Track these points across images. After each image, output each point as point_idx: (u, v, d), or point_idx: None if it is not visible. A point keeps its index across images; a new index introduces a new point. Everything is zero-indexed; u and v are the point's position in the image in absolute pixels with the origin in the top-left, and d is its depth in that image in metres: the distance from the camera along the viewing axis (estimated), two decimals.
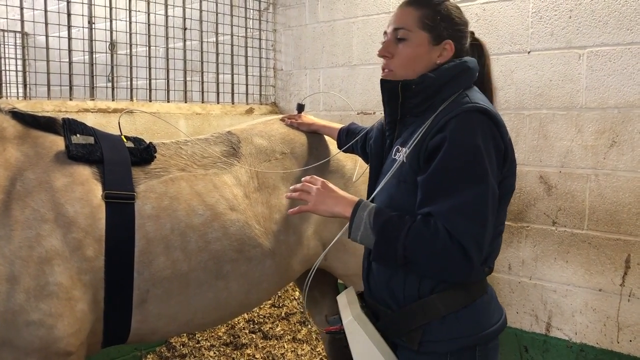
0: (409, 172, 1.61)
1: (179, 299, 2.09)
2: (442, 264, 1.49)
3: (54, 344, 1.85)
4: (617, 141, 3.08)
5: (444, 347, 1.60)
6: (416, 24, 1.67)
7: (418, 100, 1.65)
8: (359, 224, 1.56)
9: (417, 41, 1.67)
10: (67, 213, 1.91)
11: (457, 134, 1.52)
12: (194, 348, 3.79)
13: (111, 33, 3.75)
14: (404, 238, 1.48)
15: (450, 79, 1.64)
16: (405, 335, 1.63)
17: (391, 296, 1.67)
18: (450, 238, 1.46)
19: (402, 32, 1.68)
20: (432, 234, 1.47)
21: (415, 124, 1.67)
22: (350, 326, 1.65)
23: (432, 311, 1.59)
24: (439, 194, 1.51)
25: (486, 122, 1.56)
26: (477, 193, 1.50)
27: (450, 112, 1.56)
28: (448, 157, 1.51)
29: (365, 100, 4.14)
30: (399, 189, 1.63)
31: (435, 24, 1.67)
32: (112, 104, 3.57)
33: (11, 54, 5.97)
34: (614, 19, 3.06)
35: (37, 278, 1.82)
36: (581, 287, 3.25)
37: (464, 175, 1.50)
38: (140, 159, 2.13)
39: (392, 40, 1.70)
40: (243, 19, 4.57)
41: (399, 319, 1.64)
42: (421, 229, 1.48)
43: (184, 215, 2.10)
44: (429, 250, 1.48)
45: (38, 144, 2.00)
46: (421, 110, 1.66)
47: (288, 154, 2.49)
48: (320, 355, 3.79)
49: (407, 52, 1.67)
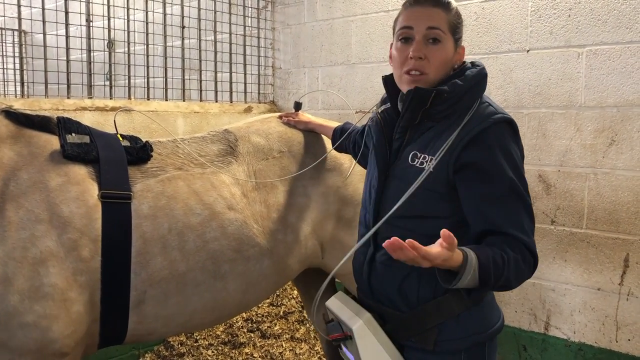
0: (435, 180, 1.58)
1: (176, 299, 2.06)
2: (525, 279, 1.57)
3: (49, 346, 1.83)
4: (616, 140, 3.07)
5: (458, 345, 1.62)
6: (447, 27, 1.63)
7: (444, 107, 1.60)
8: (466, 274, 1.44)
9: (448, 45, 1.63)
10: (62, 213, 1.88)
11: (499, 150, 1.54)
12: (192, 347, 3.78)
13: (109, 31, 3.74)
14: (506, 274, 1.50)
15: (473, 85, 1.62)
16: (418, 335, 1.63)
17: (402, 298, 1.65)
18: (532, 256, 1.55)
19: (436, 33, 1.61)
20: (524, 261, 1.52)
21: (434, 129, 1.63)
22: (360, 331, 1.63)
23: (447, 310, 1.61)
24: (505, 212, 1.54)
25: (513, 132, 1.60)
26: (529, 206, 1.57)
27: (480, 124, 1.56)
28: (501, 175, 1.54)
29: (364, 98, 4.13)
30: (421, 196, 1.59)
31: (458, 28, 1.67)
32: (110, 103, 3.56)
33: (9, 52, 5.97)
34: (613, 17, 3.05)
35: (31, 279, 1.80)
36: (580, 286, 3.25)
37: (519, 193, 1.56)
38: (136, 158, 2.11)
39: (423, 41, 1.61)
40: (242, 17, 4.56)
41: (412, 320, 1.63)
42: (517, 259, 1.51)
43: (181, 214, 2.08)
44: (524, 275, 1.55)
45: (32, 143, 1.97)
46: (442, 117, 1.62)
47: (285, 153, 2.47)
48: (318, 354, 3.78)
49: (442, 56, 1.62)
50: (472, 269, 1.43)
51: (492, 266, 1.46)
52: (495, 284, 1.49)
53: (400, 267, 1.63)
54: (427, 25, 1.61)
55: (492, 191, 1.54)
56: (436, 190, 1.58)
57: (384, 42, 3.96)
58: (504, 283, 1.50)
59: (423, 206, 1.61)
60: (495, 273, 1.46)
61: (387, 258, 1.68)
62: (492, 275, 1.46)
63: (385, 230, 1.67)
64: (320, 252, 2.50)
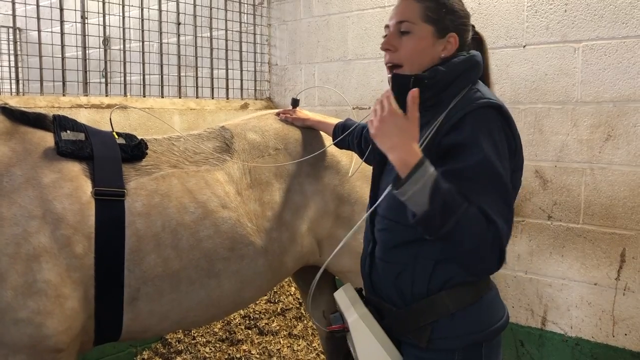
0: None
1: (171, 297, 2.07)
2: (483, 254, 1.45)
3: (43, 342, 1.84)
4: (612, 135, 3.08)
5: (452, 344, 1.59)
6: (420, 17, 1.64)
7: (429, 95, 1.61)
8: (418, 180, 1.40)
9: (421, 34, 1.64)
10: (56, 209, 1.89)
11: (478, 133, 1.49)
12: (189, 344, 3.78)
13: (104, 28, 3.73)
14: (460, 215, 1.40)
15: (460, 73, 1.62)
16: (413, 332, 1.61)
17: (398, 293, 1.65)
18: (496, 232, 1.44)
19: (405, 25, 1.64)
20: (486, 224, 1.43)
21: (423, 119, 1.62)
22: (356, 325, 1.63)
23: (441, 308, 1.58)
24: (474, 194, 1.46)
25: (500, 118, 1.55)
26: (505, 192, 1.49)
27: (464, 108, 1.54)
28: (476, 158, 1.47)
29: (361, 95, 4.13)
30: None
31: (440, 17, 1.65)
32: (106, 100, 3.54)
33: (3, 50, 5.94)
34: (609, 12, 3.05)
35: (24, 275, 1.80)
36: (577, 281, 3.26)
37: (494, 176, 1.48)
38: (131, 156, 2.11)
39: (395, 34, 1.67)
40: (237, 14, 4.54)
41: (406, 317, 1.62)
42: (478, 215, 1.42)
43: (175, 212, 2.08)
44: (479, 237, 1.43)
45: (26, 140, 1.97)
46: (430, 105, 1.62)
47: (282, 150, 2.46)
48: (316, 351, 3.79)
49: (412, 45, 1.64)
50: (426, 176, 1.39)
51: (448, 195, 1.40)
52: (443, 220, 1.39)
53: (396, 262, 1.64)
54: (397, 20, 1.66)
55: (463, 167, 1.48)
56: None
57: (380, 38, 3.92)
58: (453, 227, 1.40)
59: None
60: (448, 204, 1.39)
61: (383, 253, 1.68)
62: (444, 203, 1.38)
63: (379, 223, 1.68)
64: (318, 250, 2.50)
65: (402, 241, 1.62)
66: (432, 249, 1.58)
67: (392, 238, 1.65)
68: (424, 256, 1.60)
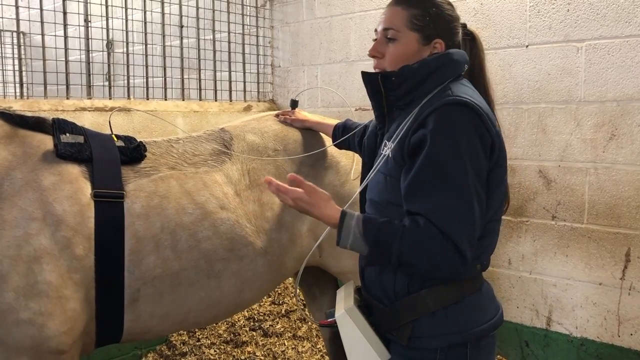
0: (395, 167, 1.61)
1: (171, 298, 2.08)
2: (436, 262, 1.49)
3: (45, 343, 1.85)
4: (616, 134, 3.07)
5: (433, 343, 1.59)
6: (405, 25, 1.66)
7: (400, 93, 1.64)
8: (347, 233, 1.55)
9: (406, 41, 1.67)
10: (56, 211, 1.90)
11: (437, 131, 1.51)
12: (194, 346, 3.79)
13: (108, 31, 3.74)
14: (398, 244, 1.48)
15: (433, 70, 1.62)
16: (396, 330, 1.62)
17: (383, 291, 1.67)
18: (444, 237, 1.46)
19: (391, 33, 1.68)
20: (428, 236, 1.47)
21: (400, 117, 1.66)
22: (342, 319, 1.66)
23: (421, 307, 1.59)
24: (423, 193, 1.50)
25: (467, 115, 1.53)
26: (461, 190, 1.49)
27: (431, 106, 1.55)
28: (429, 156, 1.50)
29: (363, 96, 4.10)
30: (386, 183, 1.63)
31: (425, 24, 1.66)
32: (109, 103, 3.56)
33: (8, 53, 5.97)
34: (612, 11, 3.04)
35: (26, 277, 1.82)
36: (581, 281, 3.24)
37: (446, 174, 1.49)
38: (130, 158, 2.12)
39: (382, 40, 1.70)
40: (240, 16, 4.55)
41: (389, 314, 1.64)
42: (415, 233, 1.48)
43: (173, 214, 2.09)
44: (425, 252, 1.48)
45: (26, 143, 1.99)
46: (405, 103, 1.65)
47: (281, 151, 2.46)
48: (320, 352, 3.78)
49: (397, 52, 1.67)
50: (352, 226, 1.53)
51: (380, 233, 1.50)
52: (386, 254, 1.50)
53: None
54: (383, 26, 1.70)
55: (412, 166, 1.53)
56: (398, 177, 1.60)
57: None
58: (398, 257, 1.48)
59: (390, 194, 1.63)
60: (382, 241, 1.50)
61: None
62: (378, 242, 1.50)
63: None
64: (318, 251, 2.50)
65: None
66: None
67: None
68: None
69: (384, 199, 1.65)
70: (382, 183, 1.66)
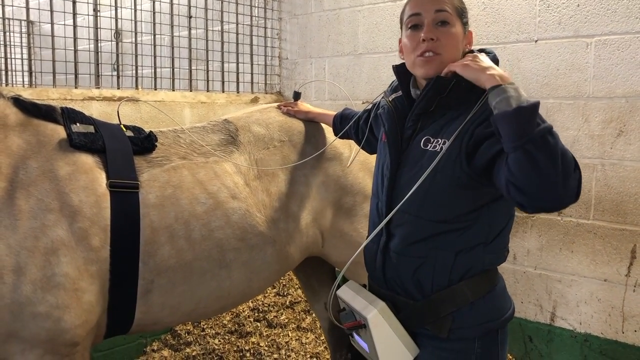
0: (447, 163, 1.57)
1: (182, 288, 2.07)
2: (563, 179, 1.35)
3: (60, 336, 1.83)
4: (624, 131, 3.06)
5: (472, 332, 1.64)
6: (453, 9, 1.66)
7: (460, 94, 1.61)
8: (516, 88, 1.39)
9: (457, 27, 1.66)
10: (72, 202, 1.89)
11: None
12: (199, 336, 3.81)
13: (116, 21, 3.74)
14: (553, 135, 1.35)
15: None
16: (432, 324, 1.64)
17: (417, 286, 1.67)
18: (577, 167, 1.41)
19: (445, 15, 1.63)
20: (570, 156, 1.39)
21: (447, 116, 1.63)
22: (375, 319, 1.64)
23: (461, 298, 1.62)
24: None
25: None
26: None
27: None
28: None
29: (371, 89, 4.12)
30: (435, 180, 1.58)
31: (464, 12, 1.69)
32: (118, 92, 3.57)
33: (17, 42, 5.98)
34: (622, 7, 3.03)
35: (43, 269, 1.79)
36: (586, 277, 3.24)
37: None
38: (141, 148, 2.12)
39: (431, 23, 1.63)
40: (248, 7, 4.55)
41: (426, 308, 1.65)
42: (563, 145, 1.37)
43: (187, 203, 2.09)
44: (564, 163, 1.35)
45: (39, 132, 1.97)
46: (458, 103, 1.62)
47: (286, 142, 2.48)
48: (324, 344, 3.80)
49: (452, 35, 1.64)
50: (520, 90, 1.38)
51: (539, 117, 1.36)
52: (535, 119, 1.34)
53: (415, 255, 1.66)
54: (435, 8, 1.63)
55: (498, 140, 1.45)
56: (449, 174, 1.57)
57: (391, 32, 3.95)
58: (549, 140, 1.33)
59: (438, 191, 1.59)
60: (540, 120, 1.35)
61: (402, 247, 1.68)
62: (537, 119, 1.34)
63: (397, 218, 1.67)
64: (321, 241, 2.52)
65: (423, 235, 1.64)
66: (453, 240, 1.61)
67: (414, 233, 1.66)
68: (445, 248, 1.62)
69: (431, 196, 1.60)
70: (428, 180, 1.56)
